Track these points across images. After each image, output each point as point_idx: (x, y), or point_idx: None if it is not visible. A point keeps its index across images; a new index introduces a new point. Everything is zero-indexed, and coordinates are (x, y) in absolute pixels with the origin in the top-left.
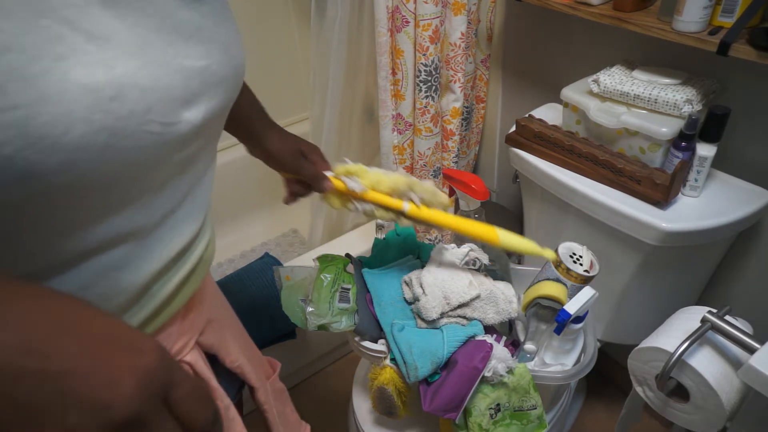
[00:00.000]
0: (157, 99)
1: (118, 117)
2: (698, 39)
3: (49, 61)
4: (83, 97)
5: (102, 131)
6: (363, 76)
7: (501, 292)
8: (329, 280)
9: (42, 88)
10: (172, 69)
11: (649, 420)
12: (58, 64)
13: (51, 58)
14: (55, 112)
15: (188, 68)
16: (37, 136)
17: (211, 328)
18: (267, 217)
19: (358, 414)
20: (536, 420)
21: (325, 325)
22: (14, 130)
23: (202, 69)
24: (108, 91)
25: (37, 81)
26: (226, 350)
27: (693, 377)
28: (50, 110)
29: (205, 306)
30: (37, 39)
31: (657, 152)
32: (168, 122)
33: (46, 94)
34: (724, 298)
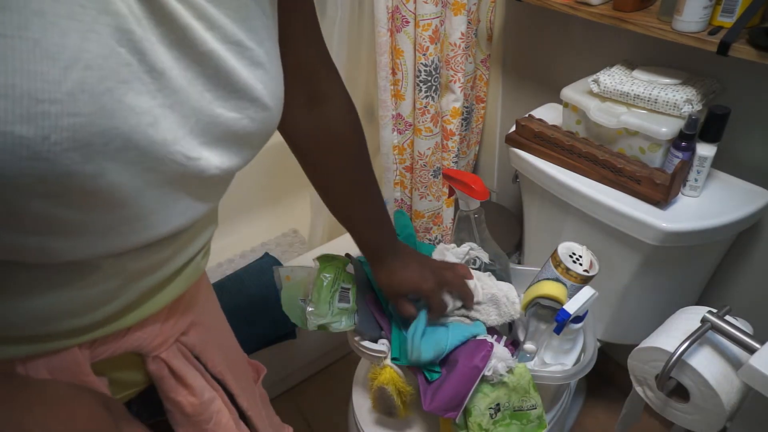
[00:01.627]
0: (183, 133)
1: (151, 141)
2: (698, 39)
3: (114, 82)
4: (129, 117)
5: (134, 149)
6: (363, 76)
7: (504, 294)
8: (329, 280)
9: (103, 103)
10: (202, 112)
11: (649, 420)
12: (120, 87)
13: (116, 80)
14: (105, 125)
15: (218, 115)
16: (84, 142)
17: (195, 330)
18: (267, 217)
19: (358, 414)
20: (536, 420)
21: (325, 325)
22: (69, 133)
23: (231, 120)
24: (147, 117)
25: (102, 97)
26: (208, 355)
27: (693, 377)
28: (102, 123)
29: (193, 310)
30: (112, 63)
31: (657, 152)
32: (191, 156)
33: (104, 108)
34: (724, 298)
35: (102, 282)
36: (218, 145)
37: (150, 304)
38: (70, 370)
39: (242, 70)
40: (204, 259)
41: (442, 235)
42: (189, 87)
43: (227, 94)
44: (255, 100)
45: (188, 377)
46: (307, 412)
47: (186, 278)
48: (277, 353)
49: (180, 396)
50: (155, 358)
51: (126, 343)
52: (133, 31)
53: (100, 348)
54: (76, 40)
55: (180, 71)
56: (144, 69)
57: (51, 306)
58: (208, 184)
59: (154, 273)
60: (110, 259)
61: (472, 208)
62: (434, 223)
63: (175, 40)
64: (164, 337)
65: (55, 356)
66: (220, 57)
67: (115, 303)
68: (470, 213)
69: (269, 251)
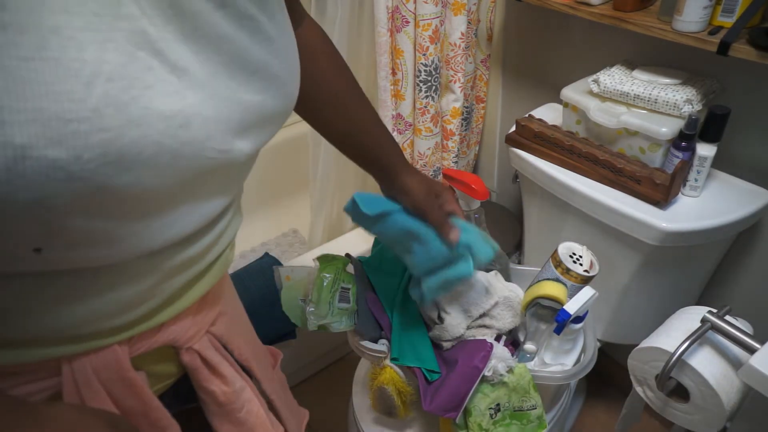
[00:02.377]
0: (216, 128)
1: (182, 142)
2: (698, 39)
3: (139, 89)
4: (158, 123)
5: (166, 153)
6: (363, 76)
7: (516, 296)
8: (329, 280)
9: (130, 113)
10: (232, 102)
11: (649, 420)
12: (145, 93)
13: (141, 87)
14: (134, 135)
15: (246, 102)
16: (117, 155)
17: (222, 320)
18: (267, 217)
19: (358, 414)
20: (536, 420)
21: (325, 325)
22: (100, 149)
23: (258, 103)
24: (178, 119)
25: (128, 107)
26: (236, 343)
27: (693, 377)
28: (131, 133)
29: (220, 301)
30: (134, 69)
31: (657, 152)
32: (223, 149)
33: (132, 119)
34: (724, 298)
35: (138, 282)
36: (249, 131)
37: (183, 300)
38: (113, 368)
39: (255, 48)
40: (231, 252)
41: None
42: (214, 80)
43: (247, 78)
44: (273, 77)
45: (220, 366)
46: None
47: (216, 272)
48: None
49: (213, 385)
50: (189, 349)
51: (161, 337)
52: (148, 32)
53: (138, 344)
54: (95, 53)
55: (201, 65)
56: (167, 69)
57: (90, 310)
58: (237, 171)
59: (188, 270)
60: (145, 260)
61: (472, 208)
62: None
63: (190, 32)
64: (197, 329)
65: (98, 355)
66: (233, 39)
67: (151, 301)
68: (470, 213)
69: (269, 251)
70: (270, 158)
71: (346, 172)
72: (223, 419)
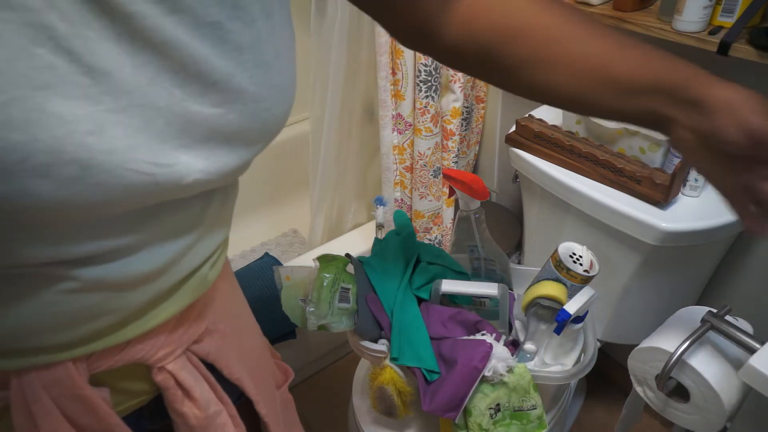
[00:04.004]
0: (146, 139)
1: (94, 151)
2: (698, 39)
3: (27, 89)
4: (54, 128)
5: (71, 163)
6: (363, 76)
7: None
8: (329, 280)
9: (9, 114)
10: (171, 112)
11: (649, 420)
12: (36, 93)
13: (31, 86)
14: (15, 139)
15: (194, 113)
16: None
17: (211, 338)
18: (267, 217)
19: (358, 414)
20: (536, 420)
21: (325, 325)
22: None
23: (211, 116)
24: (85, 125)
25: (6, 108)
26: (225, 362)
27: (693, 377)
28: (11, 137)
29: (206, 318)
30: (21, 67)
31: (657, 152)
32: (159, 163)
33: (12, 121)
34: (724, 298)
35: (79, 295)
36: (202, 146)
37: (150, 317)
38: (65, 384)
39: (218, 58)
40: (213, 270)
41: (442, 235)
42: (149, 86)
43: (202, 88)
44: (238, 90)
45: (194, 390)
46: (307, 412)
47: (191, 290)
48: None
49: (185, 408)
50: (161, 369)
51: (126, 355)
52: (53, 27)
53: (98, 361)
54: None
55: (135, 68)
56: (78, 71)
57: (32, 319)
58: (194, 190)
59: (143, 287)
60: (79, 271)
61: (472, 208)
62: (434, 223)
63: (124, 33)
64: (171, 348)
65: (48, 371)
66: (185, 45)
67: (106, 317)
68: (470, 213)
69: (269, 251)
70: (270, 158)
71: (346, 172)
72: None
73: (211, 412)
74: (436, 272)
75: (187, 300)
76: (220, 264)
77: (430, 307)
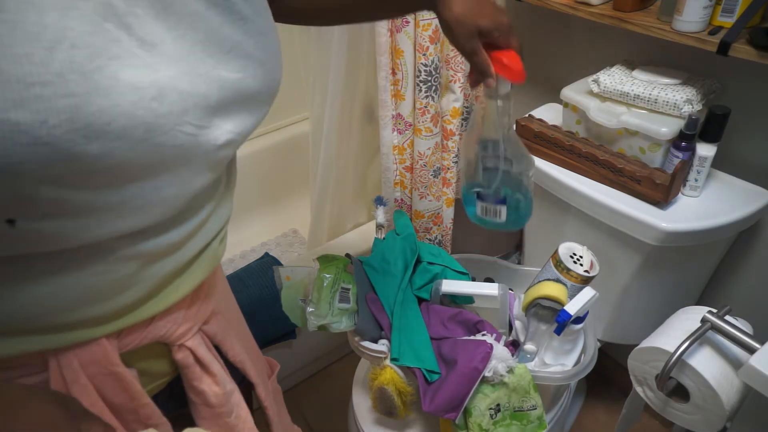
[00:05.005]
0: (194, 103)
1: (157, 115)
2: (698, 39)
3: (105, 59)
4: (128, 93)
5: (141, 126)
6: (363, 76)
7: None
8: (329, 280)
9: (96, 81)
10: (210, 78)
11: (649, 420)
12: (112, 63)
13: (107, 57)
14: (103, 104)
15: (224, 78)
16: (84, 122)
17: (216, 319)
18: (267, 217)
19: (358, 414)
20: (536, 420)
21: (325, 325)
22: (66, 115)
23: (236, 81)
24: (150, 91)
25: (93, 75)
26: (229, 344)
27: (693, 377)
28: (99, 102)
29: (213, 299)
30: (99, 40)
31: (657, 152)
32: (201, 125)
33: (98, 87)
34: (724, 298)
35: (119, 266)
36: (229, 110)
37: (171, 291)
38: (100, 361)
39: (228, 27)
40: (221, 246)
41: (442, 235)
42: (190, 56)
43: (224, 56)
44: (248, 56)
45: (212, 365)
46: (307, 412)
47: (204, 265)
48: (277, 353)
49: (204, 385)
50: (181, 346)
51: (152, 332)
52: (115, 5)
53: (127, 338)
54: (57, 19)
55: (175, 41)
56: (135, 43)
57: (72, 292)
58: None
59: (170, 256)
60: (124, 241)
61: (501, 92)
62: (434, 223)
63: (161, 9)
64: (189, 325)
65: (84, 348)
66: (205, 17)
67: (136, 288)
68: (496, 98)
69: (269, 251)
70: (270, 158)
71: (346, 172)
72: (212, 423)
73: (228, 389)
74: (436, 272)
75: (201, 275)
76: (225, 241)
77: (431, 307)
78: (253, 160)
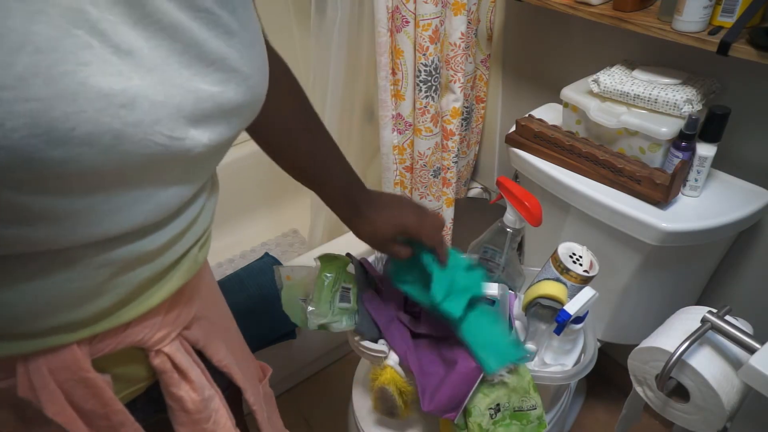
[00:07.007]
0: (167, 114)
1: (126, 123)
2: (698, 39)
3: (73, 65)
4: (96, 100)
5: (107, 133)
6: (363, 76)
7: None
8: (330, 280)
9: (61, 86)
10: (185, 89)
11: (649, 420)
12: (81, 68)
13: (76, 63)
14: (67, 109)
15: (202, 91)
16: (46, 127)
17: (199, 325)
18: (267, 217)
19: (358, 414)
20: (536, 420)
21: (326, 324)
22: (26, 119)
23: (215, 94)
24: (120, 98)
25: (59, 80)
26: (213, 349)
27: (693, 377)
28: (63, 107)
29: (195, 304)
30: (68, 45)
31: (657, 152)
32: (175, 136)
33: (63, 92)
34: (724, 298)
35: (90, 273)
36: (207, 122)
37: (147, 297)
38: (70, 368)
39: (214, 40)
40: (202, 252)
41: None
42: (164, 65)
43: (204, 68)
44: (234, 70)
45: (190, 372)
46: (307, 412)
47: (184, 271)
48: (277, 353)
49: (182, 391)
50: (158, 352)
51: (126, 337)
52: (87, 11)
53: (100, 344)
54: (22, 22)
55: (151, 50)
56: (109, 50)
57: (41, 298)
58: (197, 162)
59: (146, 265)
60: (95, 249)
61: (516, 226)
62: None
63: (138, 18)
64: (166, 331)
65: (54, 354)
66: (188, 29)
67: (109, 296)
68: (513, 231)
69: (269, 251)
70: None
71: None
72: (190, 429)
73: (206, 395)
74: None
75: (179, 281)
76: (207, 247)
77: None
78: (253, 160)
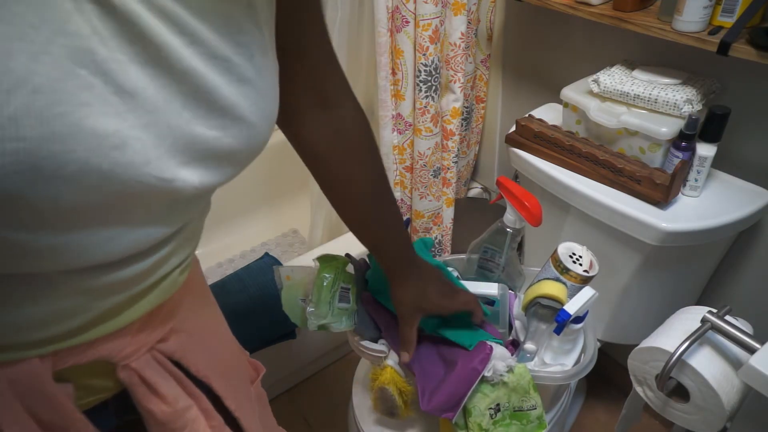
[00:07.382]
0: (157, 155)
1: (115, 163)
2: (698, 39)
3: (71, 105)
4: (87, 140)
5: (94, 173)
6: (363, 76)
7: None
8: (329, 280)
9: (53, 127)
10: (180, 131)
11: (649, 420)
12: (77, 109)
13: (73, 104)
14: (55, 149)
15: (197, 134)
16: (30, 165)
17: (177, 337)
18: (267, 217)
19: (358, 414)
20: (536, 420)
21: (325, 325)
22: (12, 157)
23: (212, 138)
24: (112, 140)
25: (51, 121)
26: (192, 360)
27: (693, 377)
28: (51, 147)
29: (172, 320)
30: (68, 86)
31: (657, 152)
32: (164, 177)
33: (54, 133)
34: (724, 298)
35: (59, 299)
36: (198, 165)
37: (119, 319)
38: (29, 381)
39: (226, 87)
40: (182, 275)
41: (442, 235)
42: (165, 106)
43: (208, 113)
44: (239, 118)
45: (160, 386)
46: (307, 412)
47: (161, 293)
48: (277, 353)
49: (151, 404)
50: (125, 366)
51: (92, 353)
52: (95, 51)
53: (64, 358)
54: (24, 62)
55: (156, 90)
56: (110, 90)
57: (6, 319)
58: (182, 202)
59: (121, 293)
60: (71, 276)
61: (516, 226)
62: (434, 223)
63: (150, 59)
64: (135, 347)
65: (13, 366)
66: (201, 74)
67: (78, 318)
68: (512, 231)
69: (269, 251)
70: (270, 158)
71: None
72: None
73: (180, 407)
74: None
75: (155, 301)
76: (188, 269)
77: None
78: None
